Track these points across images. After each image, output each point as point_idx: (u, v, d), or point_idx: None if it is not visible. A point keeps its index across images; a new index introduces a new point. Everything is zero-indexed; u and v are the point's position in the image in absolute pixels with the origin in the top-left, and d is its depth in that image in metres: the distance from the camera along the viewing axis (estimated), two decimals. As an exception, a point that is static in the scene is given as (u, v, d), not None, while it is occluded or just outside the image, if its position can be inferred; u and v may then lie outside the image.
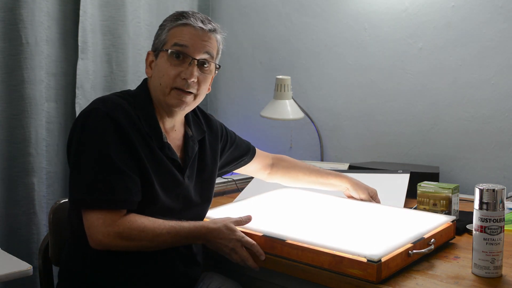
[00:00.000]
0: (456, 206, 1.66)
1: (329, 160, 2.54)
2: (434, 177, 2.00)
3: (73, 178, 1.35)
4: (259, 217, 1.52)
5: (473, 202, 1.30)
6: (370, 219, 1.56)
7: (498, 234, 1.26)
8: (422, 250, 1.34)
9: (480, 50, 2.10)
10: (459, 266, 1.35)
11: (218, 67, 1.51)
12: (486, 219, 1.26)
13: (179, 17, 1.44)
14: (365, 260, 1.22)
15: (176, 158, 1.46)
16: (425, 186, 1.68)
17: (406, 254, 1.30)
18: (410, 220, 1.53)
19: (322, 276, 1.29)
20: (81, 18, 2.26)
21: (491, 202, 1.26)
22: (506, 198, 1.84)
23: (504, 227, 1.27)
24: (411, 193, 1.82)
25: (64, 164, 2.27)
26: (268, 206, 1.70)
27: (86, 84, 2.31)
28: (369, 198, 1.76)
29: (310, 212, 1.66)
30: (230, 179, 2.18)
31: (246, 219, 1.46)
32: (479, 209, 1.27)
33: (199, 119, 1.59)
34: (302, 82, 2.58)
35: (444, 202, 1.64)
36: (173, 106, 1.44)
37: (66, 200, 1.57)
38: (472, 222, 1.32)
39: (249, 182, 2.12)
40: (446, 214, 1.61)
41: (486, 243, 1.26)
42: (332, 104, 2.52)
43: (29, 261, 1.52)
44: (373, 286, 1.21)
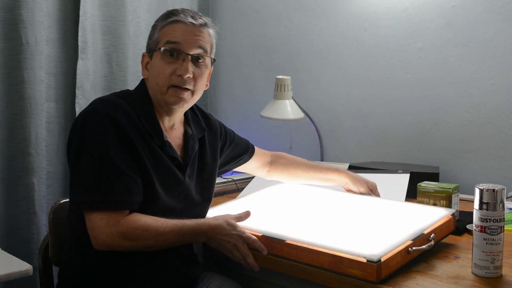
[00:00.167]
0: (456, 206, 1.66)
1: (329, 160, 2.54)
2: (434, 177, 2.00)
3: (73, 179, 1.35)
4: (258, 215, 1.52)
5: (473, 202, 1.30)
6: (369, 214, 1.56)
7: (498, 234, 1.26)
8: (422, 247, 1.34)
9: (480, 50, 2.10)
10: (459, 266, 1.35)
11: (213, 61, 1.51)
12: (486, 219, 1.26)
13: (169, 15, 1.45)
14: (364, 260, 1.22)
15: (176, 157, 1.45)
16: (425, 186, 1.68)
17: (406, 251, 1.30)
18: (409, 214, 1.53)
19: (322, 276, 1.28)
20: (81, 18, 2.26)
21: (491, 202, 1.26)
22: (506, 198, 1.84)
23: (504, 227, 1.27)
24: (411, 193, 1.82)
25: (64, 164, 2.27)
26: (267, 203, 1.70)
27: (86, 84, 2.30)
28: (368, 192, 1.77)
29: (309, 208, 1.66)
30: (230, 179, 2.18)
31: (245, 215, 1.47)
32: (479, 209, 1.27)
33: (198, 118, 1.59)
34: (302, 82, 2.58)
35: (444, 202, 1.64)
36: (171, 104, 1.44)
37: (66, 200, 1.57)
38: (472, 222, 1.32)
39: (249, 182, 2.12)
40: (446, 214, 1.61)
41: (486, 243, 1.26)
42: (332, 104, 2.52)
43: (29, 261, 1.52)
44: (373, 286, 1.21)
